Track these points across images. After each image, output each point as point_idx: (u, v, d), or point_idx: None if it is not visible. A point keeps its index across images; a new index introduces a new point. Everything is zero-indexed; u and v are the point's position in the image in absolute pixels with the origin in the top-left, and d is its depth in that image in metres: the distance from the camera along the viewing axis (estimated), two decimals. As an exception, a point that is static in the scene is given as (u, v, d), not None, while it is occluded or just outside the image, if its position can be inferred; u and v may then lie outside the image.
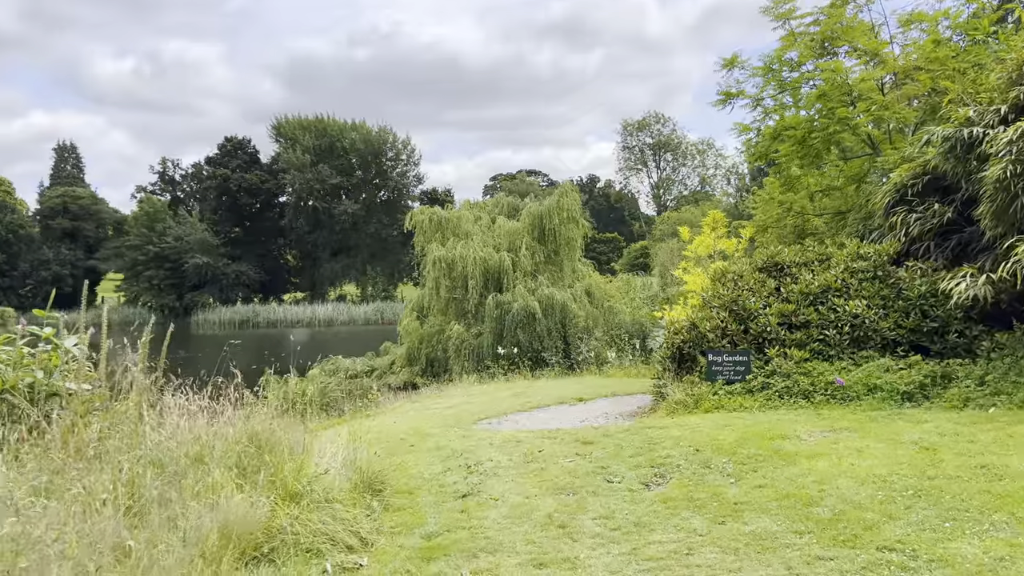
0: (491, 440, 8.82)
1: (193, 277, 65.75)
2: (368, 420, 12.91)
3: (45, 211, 73.02)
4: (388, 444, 9.22)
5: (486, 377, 19.89)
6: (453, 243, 23.86)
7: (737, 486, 6.11)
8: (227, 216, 69.92)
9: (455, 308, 23.89)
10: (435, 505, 6.36)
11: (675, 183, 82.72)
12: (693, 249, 17.60)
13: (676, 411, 9.60)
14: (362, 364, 26.31)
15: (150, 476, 5.51)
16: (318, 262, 69.70)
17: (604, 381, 16.06)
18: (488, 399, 13.73)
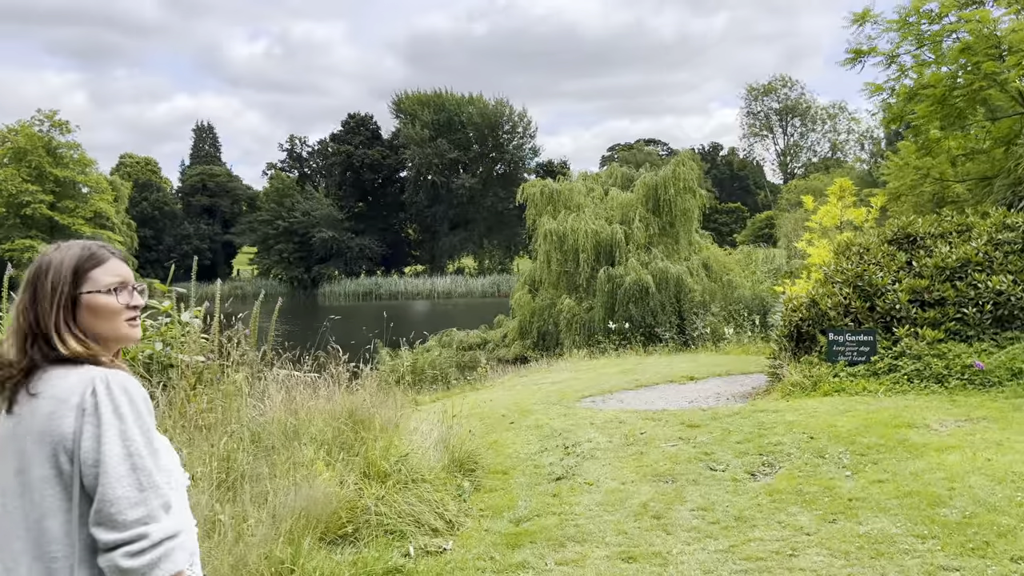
0: (592, 419, 8.55)
1: (320, 250, 68.21)
2: (474, 394, 12.90)
3: (186, 188, 77.47)
4: (488, 420, 9.11)
5: (596, 352, 19.55)
6: (564, 216, 23.52)
7: (853, 480, 5.59)
8: (351, 191, 72.00)
9: (566, 282, 23.61)
10: (527, 487, 6.16)
11: (803, 150, 78.96)
12: (818, 219, 16.56)
13: (792, 394, 9.01)
14: (476, 336, 26.48)
15: (243, 451, 5.56)
16: (437, 235, 70.86)
17: (719, 359, 15.43)
18: (595, 375, 13.43)
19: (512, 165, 71.05)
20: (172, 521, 1.69)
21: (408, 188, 70.99)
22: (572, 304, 22.72)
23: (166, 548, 1.64)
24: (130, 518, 1.62)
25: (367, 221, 70.87)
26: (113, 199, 61.38)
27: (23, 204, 54.85)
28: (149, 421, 1.73)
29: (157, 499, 1.66)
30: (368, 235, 69.54)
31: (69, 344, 1.75)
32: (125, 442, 1.65)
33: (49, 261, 1.84)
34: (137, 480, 1.64)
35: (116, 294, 1.83)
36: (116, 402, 1.68)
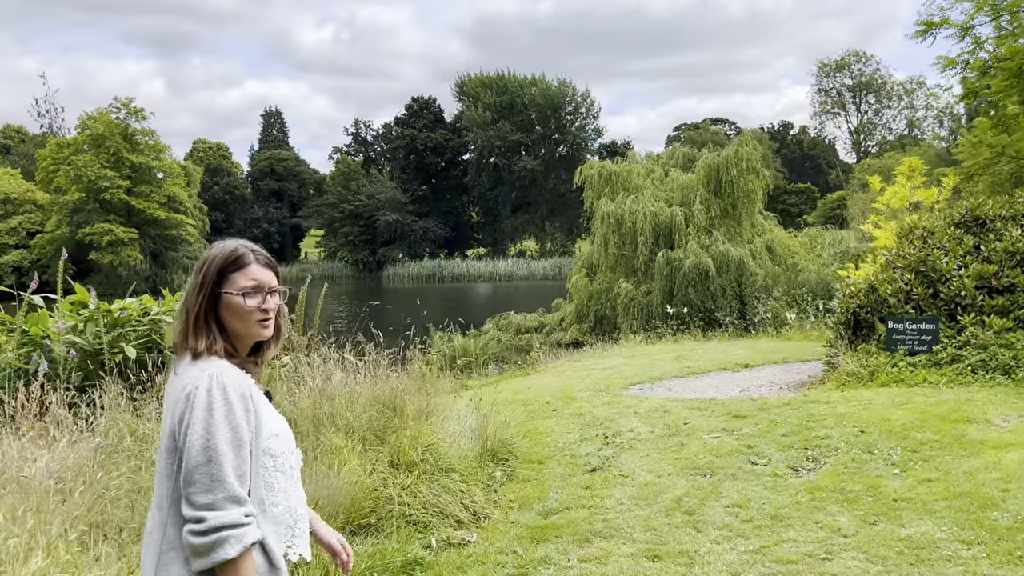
0: (637, 408, 8.37)
1: (384, 233, 68.99)
2: (523, 379, 12.83)
3: (255, 173, 79.20)
4: (532, 407, 9.01)
5: (653, 337, 19.25)
6: (623, 198, 23.14)
7: (901, 478, 5.30)
8: (414, 174, 72.51)
9: (624, 265, 23.26)
10: (561, 478, 6.04)
11: (878, 127, 76.12)
12: (885, 200, 15.91)
13: (847, 384, 8.65)
14: (532, 320, 26.39)
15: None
16: (499, 218, 70.83)
17: (778, 345, 14.99)
18: (648, 361, 13.19)
19: (574, 146, 70.42)
20: (234, 513, 1.86)
21: (470, 171, 71.11)
22: (630, 288, 22.39)
23: (221, 536, 1.83)
24: (199, 502, 1.85)
25: (430, 204, 71.33)
26: (186, 184, 63.17)
27: (102, 189, 56.80)
28: (240, 420, 1.93)
29: (223, 492, 1.85)
30: (431, 218, 70.01)
31: (198, 343, 2.02)
32: (208, 437, 1.87)
33: (206, 257, 2.12)
34: (210, 472, 1.85)
35: (247, 297, 2.04)
36: (211, 399, 1.90)
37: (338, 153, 78.07)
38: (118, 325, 8.10)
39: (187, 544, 1.85)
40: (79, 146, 58.86)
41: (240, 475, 1.91)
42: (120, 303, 8.40)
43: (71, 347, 7.75)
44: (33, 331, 7.58)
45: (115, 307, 8.21)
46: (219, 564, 1.85)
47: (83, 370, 7.39)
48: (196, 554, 1.85)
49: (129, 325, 8.14)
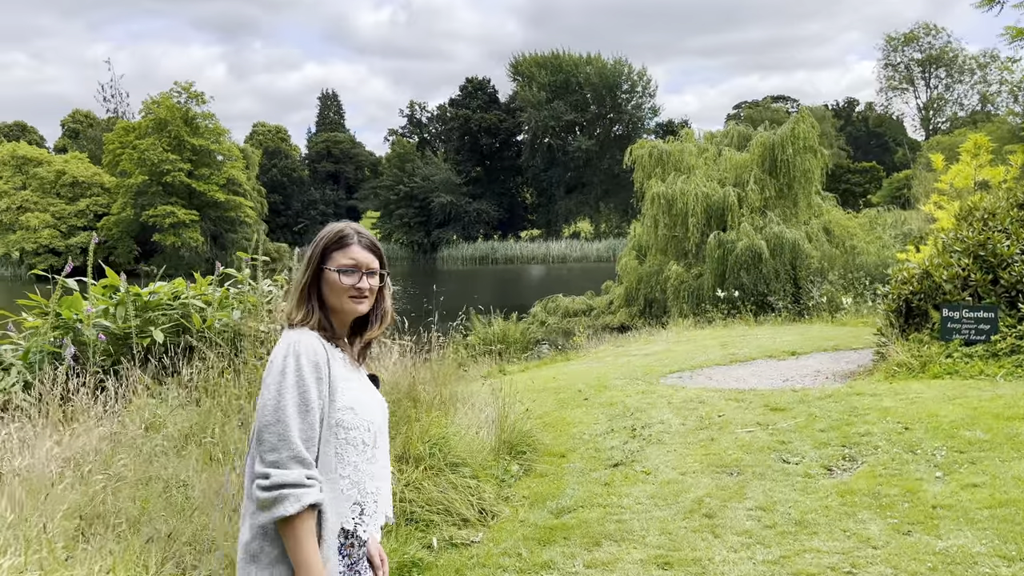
0: (671, 398, 8.04)
1: (438, 215, 69.18)
2: (563, 365, 12.57)
3: (312, 155, 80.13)
4: (563, 395, 8.77)
5: (703, 322, 18.76)
6: (673, 178, 22.55)
7: (943, 482, 4.90)
8: (468, 156, 72.42)
9: (674, 247, 22.73)
10: (580, 474, 5.79)
11: (948, 103, 73.05)
12: (948, 180, 15.10)
13: (896, 375, 8.16)
14: (581, 303, 26.04)
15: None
16: (553, 199, 70.32)
17: (831, 331, 14.40)
18: (692, 347, 12.79)
19: (630, 126, 69.36)
20: (296, 472, 1.94)
21: (524, 151, 70.69)
22: (680, 271, 21.87)
23: (281, 493, 1.91)
24: (267, 459, 1.95)
25: (484, 185, 71.20)
26: (244, 166, 64.25)
27: (164, 172, 58.14)
28: (310, 386, 2.02)
29: (288, 451, 1.94)
30: (485, 199, 69.89)
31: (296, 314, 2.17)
32: (279, 399, 1.98)
33: (318, 236, 2.28)
34: (278, 431, 1.95)
35: (342, 275, 2.17)
36: (285, 364, 2.02)
37: (393, 135, 78.42)
38: (148, 309, 8.10)
39: (254, 498, 1.96)
40: (143, 130, 60.28)
41: (307, 439, 1.99)
42: (152, 287, 8.42)
43: (101, 331, 7.77)
44: (66, 314, 7.60)
45: (145, 291, 8.21)
46: (277, 520, 1.93)
47: (111, 354, 7.38)
48: (260, 508, 1.95)
49: (160, 309, 8.14)
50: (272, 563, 1.99)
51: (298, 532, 1.95)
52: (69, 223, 60.75)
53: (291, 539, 1.95)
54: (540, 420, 7.57)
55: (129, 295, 7.96)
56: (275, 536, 1.98)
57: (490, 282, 49.78)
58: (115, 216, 58.98)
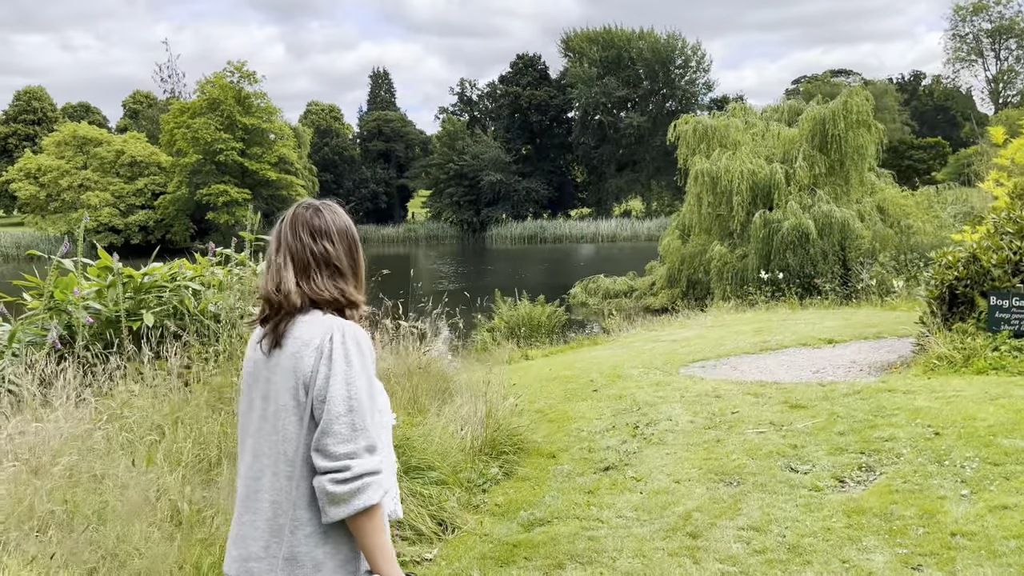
0: (686, 391, 7.46)
1: (488, 194, 68.76)
2: (586, 350, 12.04)
3: (363, 134, 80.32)
4: (573, 385, 8.25)
5: (745, 305, 17.97)
6: (718, 155, 21.62)
7: (968, 502, 4.26)
8: (518, 134, 71.68)
9: (718, 226, 21.85)
10: (566, 478, 5.29)
11: (1019, 75, 69.46)
12: (1009, 155, 13.99)
13: (935, 369, 7.43)
14: (622, 284, 25.37)
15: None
16: (603, 177, 69.17)
17: (877, 316, 13.53)
18: (725, 333, 12.11)
19: (683, 102, 67.64)
20: (374, 460, 1.86)
21: (575, 129, 69.63)
22: (723, 251, 21.01)
23: (364, 482, 1.83)
24: (340, 451, 1.83)
25: (534, 164, 70.47)
26: (295, 145, 64.73)
27: (217, 151, 58.90)
28: (372, 370, 1.97)
29: (364, 440, 1.86)
30: (535, 178, 69.17)
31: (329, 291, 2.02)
32: (348, 386, 1.88)
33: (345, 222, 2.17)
34: (351, 421, 1.85)
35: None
36: (347, 350, 1.91)
37: (444, 113, 78.08)
38: (142, 291, 7.82)
39: (326, 494, 1.84)
40: (197, 110, 61.12)
41: (374, 425, 1.94)
42: (149, 267, 8.13)
43: (92, 313, 7.51)
44: (58, 296, 7.35)
45: (138, 273, 7.91)
46: (361, 511, 1.84)
47: (105, 338, 7.09)
48: (336, 503, 1.84)
49: (155, 291, 7.86)
50: (342, 565, 1.91)
51: (377, 520, 1.88)
52: (128, 202, 62.10)
53: (369, 529, 1.87)
54: (540, 414, 7.08)
55: (120, 276, 7.68)
56: (339, 538, 1.90)
57: (538, 262, 49.23)
58: (171, 195, 60.04)
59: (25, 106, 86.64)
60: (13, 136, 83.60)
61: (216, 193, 58.48)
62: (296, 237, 2.06)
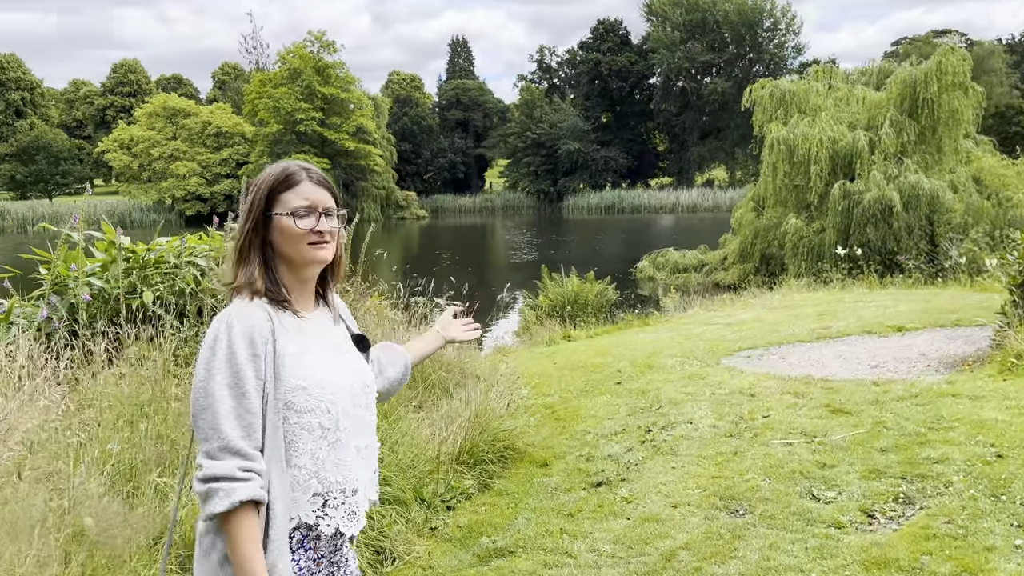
0: (718, 388, 6.65)
1: (565, 163, 67.67)
2: (634, 332, 11.25)
3: (442, 103, 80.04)
4: (597, 375, 7.54)
5: (818, 283, 16.75)
6: (796, 121, 20.18)
7: (1022, 557, 3.38)
8: (597, 101, 70.12)
9: (794, 198, 20.47)
10: (547, 495, 4.61)
11: None
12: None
13: (1013, 370, 6.37)
14: (692, 258, 24.24)
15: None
16: (685, 145, 67.02)
17: (961, 299, 12.22)
18: (785, 316, 11.11)
19: (771, 66, 64.69)
20: (225, 465, 1.69)
21: (656, 96, 67.65)
22: (799, 224, 19.67)
23: (210, 488, 1.69)
24: (202, 448, 1.73)
25: (613, 132, 68.89)
26: (374, 115, 64.94)
27: (297, 121, 59.66)
28: (244, 364, 1.74)
29: (217, 441, 1.71)
30: (614, 147, 67.64)
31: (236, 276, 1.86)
32: (207, 380, 1.73)
33: (255, 180, 1.93)
34: (207, 418, 1.71)
35: (297, 218, 1.86)
36: (216, 340, 1.75)
37: (522, 81, 77.00)
38: (145, 267, 7.47)
39: (195, 490, 1.74)
40: (278, 80, 61.97)
41: (245, 425, 1.73)
42: (156, 242, 7.78)
43: (91, 291, 7.19)
44: (61, 270, 7.05)
45: (142, 247, 7.55)
46: (211, 517, 1.71)
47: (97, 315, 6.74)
48: (200, 499, 1.74)
49: (161, 267, 7.50)
50: (224, 560, 1.73)
51: (232, 531, 1.70)
52: (213, 171, 63.75)
53: (228, 538, 1.71)
54: (548, 410, 6.40)
55: (120, 251, 7.33)
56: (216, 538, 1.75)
57: (615, 233, 48.10)
58: (254, 164, 61.16)
59: (121, 79, 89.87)
60: (110, 108, 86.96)
61: (296, 163, 59.25)
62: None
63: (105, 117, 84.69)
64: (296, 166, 1.93)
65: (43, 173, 72.09)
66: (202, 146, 65.54)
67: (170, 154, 64.71)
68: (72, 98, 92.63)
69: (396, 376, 2.24)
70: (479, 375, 6.96)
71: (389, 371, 2.23)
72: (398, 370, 2.24)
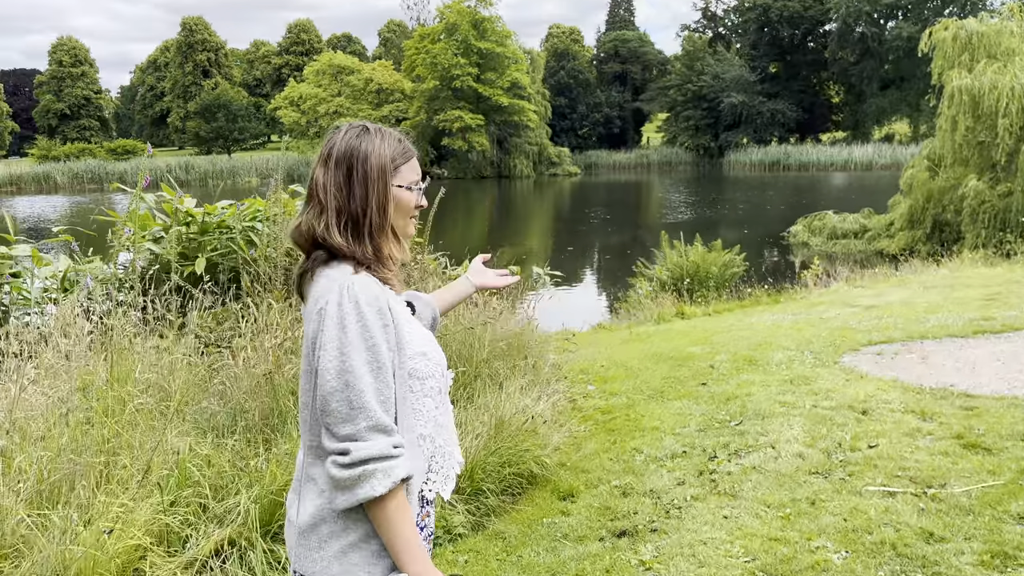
0: (824, 399, 5.37)
1: (728, 117, 64.18)
2: (761, 312, 9.89)
3: (599, 56, 77.94)
4: (683, 373, 6.43)
5: (999, 256, 14.40)
6: (983, 67, 17.36)
7: None
8: (766, 50, 65.67)
9: (977, 157, 17.74)
10: (549, 547, 3.63)
11: None
12: None
13: None
14: (853, 222, 21.81)
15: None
16: (862, 97, 61.44)
17: None
18: (943, 298, 9.34)
19: (968, 6, 57.81)
20: (379, 443, 1.58)
21: (831, 43, 62.34)
22: (981, 187, 17.05)
23: (365, 469, 1.56)
24: (340, 432, 1.59)
25: (781, 83, 64.43)
26: (529, 69, 64.09)
27: (453, 77, 59.90)
28: (379, 338, 1.63)
29: (365, 420, 1.59)
30: (782, 99, 63.28)
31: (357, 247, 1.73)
32: (343, 357, 1.60)
33: (370, 149, 1.77)
34: (348, 398, 1.59)
35: (416, 191, 1.83)
36: (343, 314, 1.62)
37: (685, 31, 73.44)
38: (205, 232, 7.06)
39: (331, 478, 1.58)
40: (435, 36, 62.35)
41: (383, 400, 1.62)
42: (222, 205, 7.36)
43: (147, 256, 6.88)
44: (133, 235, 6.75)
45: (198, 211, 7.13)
46: (365, 501, 1.57)
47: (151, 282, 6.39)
48: (340, 489, 1.58)
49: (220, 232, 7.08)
50: (348, 549, 1.61)
51: (391, 512, 1.57)
52: (374, 127, 65.47)
53: (384, 521, 1.58)
54: (606, 417, 5.38)
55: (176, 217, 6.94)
56: (353, 518, 1.61)
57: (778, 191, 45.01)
58: (411, 120, 62.25)
59: (295, 38, 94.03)
60: (285, 67, 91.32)
61: (451, 119, 59.66)
62: (319, 162, 1.77)
63: (281, 76, 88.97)
64: (401, 135, 1.85)
65: (222, 130, 76.80)
66: (364, 103, 67.43)
67: (334, 110, 67.06)
68: (252, 58, 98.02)
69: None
70: (535, 363, 6.05)
71: None
72: (425, 324, 2.04)
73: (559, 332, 9.39)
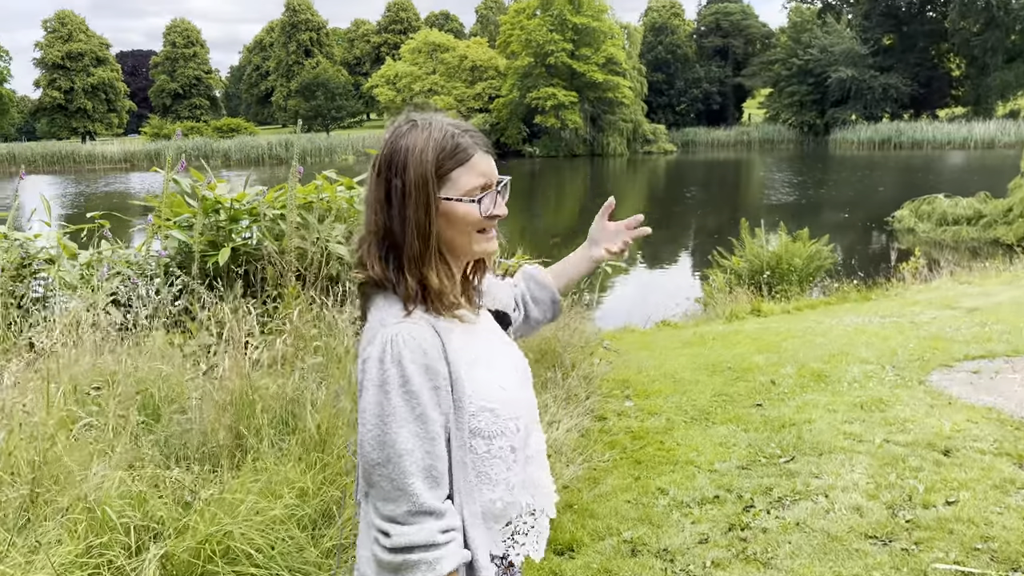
0: (899, 430, 4.54)
1: (835, 92, 60.83)
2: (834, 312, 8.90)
3: (700, 30, 75.26)
4: (737, 390, 5.66)
5: None
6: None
7: None
8: (880, 21, 61.78)
9: (1114, 136, 15.83)
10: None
11: None
12: None
13: None
14: (967, 207, 19.96)
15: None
16: (985, 70, 56.98)
17: None
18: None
19: (1112, -32, 52.79)
20: (424, 529, 1.35)
21: (952, 11, 58.03)
22: (1117, 170, 15.20)
23: (407, 559, 1.35)
24: (382, 511, 1.38)
25: (896, 56, 60.51)
26: (625, 44, 62.48)
27: (548, 53, 59.02)
28: (427, 403, 1.36)
29: (407, 504, 1.35)
30: (895, 72, 59.45)
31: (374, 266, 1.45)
32: (384, 428, 1.36)
33: (407, 148, 1.43)
34: (390, 476, 1.36)
35: (478, 203, 1.44)
36: (385, 376, 1.36)
37: (792, 2, 69.95)
38: (236, 219, 6.72)
39: (373, 556, 1.39)
40: (531, 11, 61.53)
41: (434, 476, 1.38)
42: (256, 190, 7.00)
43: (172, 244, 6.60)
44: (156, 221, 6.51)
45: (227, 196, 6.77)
46: None
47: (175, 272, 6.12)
48: (384, 570, 1.38)
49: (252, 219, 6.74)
50: None
51: None
52: (468, 105, 65.37)
53: None
54: (637, 443, 4.68)
55: (203, 203, 6.59)
56: None
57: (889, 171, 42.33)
58: (504, 98, 61.82)
59: (394, 17, 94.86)
60: (384, 45, 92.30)
61: (545, 96, 58.85)
62: (372, 168, 1.47)
63: (379, 54, 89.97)
64: (457, 129, 1.45)
65: (321, 108, 78.28)
66: (459, 80, 67.31)
67: (429, 88, 67.24)
68: (353, 37, 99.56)
69: (540, 317, 1.83)
70: (565, 374, 5.40)
71: (534, 311, 1.81)
72: (544, 310, 1.81)
73: (615, 331, 8.67)
